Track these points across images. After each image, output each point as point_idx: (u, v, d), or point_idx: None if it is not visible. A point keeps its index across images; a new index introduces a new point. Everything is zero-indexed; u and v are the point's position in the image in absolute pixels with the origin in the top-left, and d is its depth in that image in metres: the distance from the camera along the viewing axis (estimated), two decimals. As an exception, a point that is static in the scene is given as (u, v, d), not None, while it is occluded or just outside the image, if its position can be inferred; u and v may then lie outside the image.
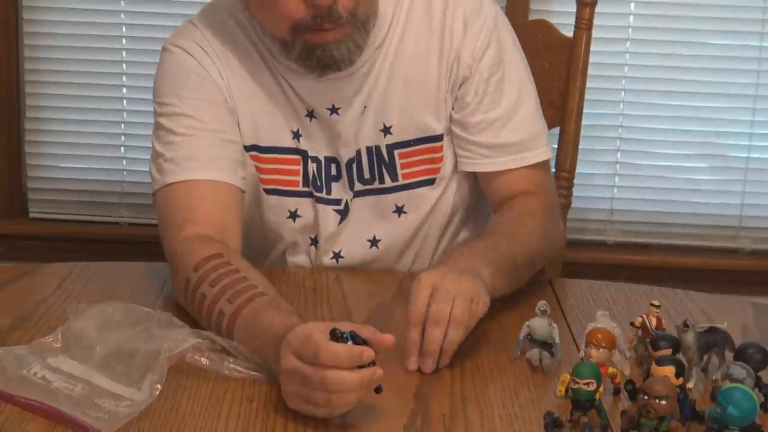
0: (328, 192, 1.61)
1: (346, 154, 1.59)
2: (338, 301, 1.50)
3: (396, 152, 1.60)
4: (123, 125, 2.75)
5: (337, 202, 1.61)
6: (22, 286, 1.52)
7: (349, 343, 1.12)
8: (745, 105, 2.70)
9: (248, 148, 1.58)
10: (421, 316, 1.28)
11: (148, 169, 1.57)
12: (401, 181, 1.61)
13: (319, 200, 1.61)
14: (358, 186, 1.61)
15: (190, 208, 1.50)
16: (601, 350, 1.21)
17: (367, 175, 1.60)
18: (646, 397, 1.06)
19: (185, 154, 1.52)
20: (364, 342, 1.13)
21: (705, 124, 2.71)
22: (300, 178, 1.60)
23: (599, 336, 1.21)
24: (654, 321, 1.30)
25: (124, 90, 2.74)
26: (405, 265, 1.66)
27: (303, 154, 1.59)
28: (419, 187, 1.62)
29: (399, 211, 1.62)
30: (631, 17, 2.67)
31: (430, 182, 1.62)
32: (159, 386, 1.17)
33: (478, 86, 1.58)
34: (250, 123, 1.57)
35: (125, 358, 1.22)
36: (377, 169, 1.60)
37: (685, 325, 1.21)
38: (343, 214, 1.61)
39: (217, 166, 1.52)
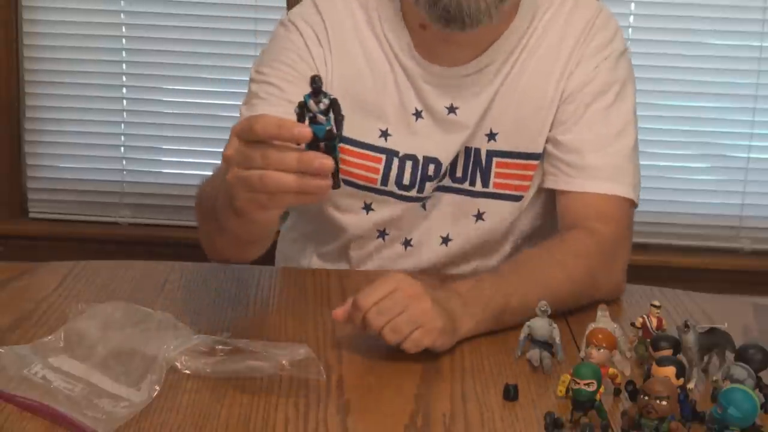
0: (420, 191, 1.59)
1: (449, 155, 1.58)
2: (339, 302, 1.49)
3: (494, 159, 1.58)
4: (123, 125, 2.75)
5: (423, 199, 1.60)
6: (22, 285, 1.52)
7: (324, 101, 1.08)
8: (745, 105, 2.71)
9: None
10: (367, 305, 1.26)
11: (148, 169, 1.59)
12: (491, 189, 1.59)
13: (403, 198, 1.59)
14: (447, 181, 1.59)
15: None
16: (602, 350, 1.21)
17: (459, 173, 1.59)
18: (646, 398, 1.05)
19: None
20: (340, 117, 1.11)
21: (705, 124, 2.72)
22: (379, 177, 1.58)
23: (600, 336, 1.21)
24: (655, 321, 1.30)
25: (124, 90, 2.75)
26: (466, 270, 1.63)
27: (388, 153, 1.58)
28: (506, 199, 1.59)
29: (478, 216, 1.60)
30: (631, 17, 2.68)
31: (517, 198, 1.59)
32: (157, 387, 1.17)
33: (578, 108, 1.56)
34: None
35: (125, 359, 1.22)
36: (471, 171, 1.58)
37: (686, 325, 1.21)
38: (424, 207, 1.60)
39: None
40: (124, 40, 2.73)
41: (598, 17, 1.59)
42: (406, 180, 1.58)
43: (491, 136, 1.57)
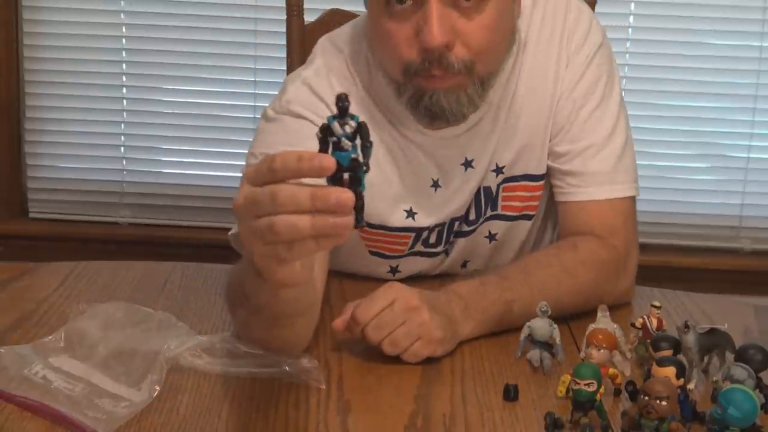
0: (447, 244, 1.57)
1: (468, 203, 1.54)
2: (339, 303, 1.49)
3: (501, 186, 1.54)
4: (123, 125, 2.76)
5: (448, 251, 1.58)
6: (23, 285, 1.52)
7: (351, 123, 0.92)
8: (745, 105, 2.71)
9: None
10: (366, 319, 1.26)
11: (148, 169, 1.56)
12: (499, 211, 1.56)
13: (429, 254, 1.57)
14: (463, 227, 1.57)
15: None
16: (602, 351, 1.21)
17: (473, 216, 1.55)
18: (646, 398, 1.05)
19: None
20: (368, 144, 0.94)
21: (705, 124, 2.72)
22: (407, 248, 1.55)
23: (600, 337, 1.22)
24: (655, 322, 1.30)
25: (124, 90, 2.75)
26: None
27: (417, 230, 1.53)
28: (515, 219, 1.57)
29: (490, 237, 1.58)
30: (631, 17, 2.68)
31: (528, 217, 1.57)
32: (158, 387, 1.17)
33: (571, 113, 1.52)
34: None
35: (126, 359, 1.22)
36: (483, 205, 1.55)
37: (686, 326, 1.21)
38: (447, 254, 1.59)
39: None
40: (124, 40, 2.73)
41: (569, 11, 1.52)
42: (433, 239, 1.56)
43: (498, 170, 1.53)
